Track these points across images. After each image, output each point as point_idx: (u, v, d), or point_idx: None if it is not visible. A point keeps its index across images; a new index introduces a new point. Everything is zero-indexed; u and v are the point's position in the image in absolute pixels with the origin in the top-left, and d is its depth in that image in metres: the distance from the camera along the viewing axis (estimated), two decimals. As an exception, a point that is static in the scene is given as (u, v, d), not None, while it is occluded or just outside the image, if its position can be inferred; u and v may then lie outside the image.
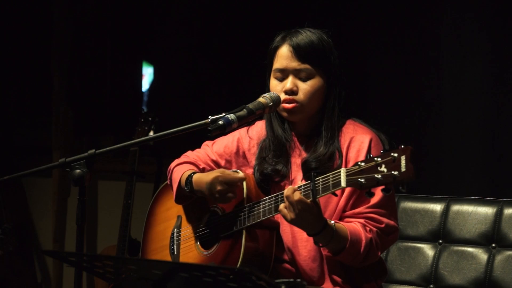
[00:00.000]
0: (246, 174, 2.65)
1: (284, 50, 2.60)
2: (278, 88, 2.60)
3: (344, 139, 2.60)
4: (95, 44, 5.21)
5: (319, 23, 2.67)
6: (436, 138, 3.98)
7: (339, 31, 2.69)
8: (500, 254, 3.00)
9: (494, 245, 3.02)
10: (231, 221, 2.61)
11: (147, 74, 5.21)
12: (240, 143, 2.77)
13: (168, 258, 2.79)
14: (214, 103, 4.64)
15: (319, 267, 2.58)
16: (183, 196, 2.73)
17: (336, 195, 2.48)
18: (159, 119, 4.50)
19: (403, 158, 2.14)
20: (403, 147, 2.16)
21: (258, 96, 2.58)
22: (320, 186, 2.36)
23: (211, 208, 2.72)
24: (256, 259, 2.56)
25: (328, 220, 2.45)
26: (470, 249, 3.05)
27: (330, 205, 2.56)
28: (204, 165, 2.76)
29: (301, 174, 2.61)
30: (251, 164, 2.72)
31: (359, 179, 2.23)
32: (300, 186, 2.42)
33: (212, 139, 2.74)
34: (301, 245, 2.59)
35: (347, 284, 2.58)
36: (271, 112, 2.62)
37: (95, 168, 2.40)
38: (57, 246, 5.07)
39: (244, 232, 2.56)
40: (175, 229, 2.80)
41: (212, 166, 2.77)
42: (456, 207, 3.11)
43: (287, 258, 2.61)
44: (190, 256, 2.71)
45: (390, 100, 4.09)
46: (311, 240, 2.52)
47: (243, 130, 2.77)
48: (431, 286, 3.08)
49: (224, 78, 4.68)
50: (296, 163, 2.64)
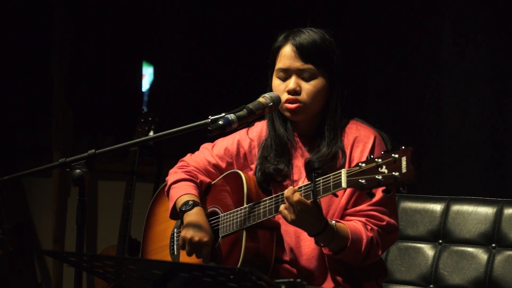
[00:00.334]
0: (247, 175, 2.65)
1: (287, 50, 2.60)
2: (281, 88, 2.60)
3: (347, 139, 2.59)
4: (95, 44, 5.20)
5: (318, 22, 2.67)
6: (436, 138, 3.98)
7: (339, 31, 2.68)
8: (500, 254, 3.00)
9: (494, 245, 3.02)
10: (231, 221, 2.61)
11: (147, 74, 5.21)
12: (241, 144, 2.76)
13: (168, 258, 2.78)
14: (214, 103, 4.64)
15: (320, 266, 2.58)
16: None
17: (337, 196, 2.47)
18: (159, 119, 4.50)
19: (404, 159, 2.14)
20: (403, 148, 2.16)
21: (258, 96, 2.58)
22: (321, 187, 2.36)
23: (211, 209, 2.72)
24: (256, 259, 2.55)
25: (329, 220, 2.45)
26: (470, 249, 3.04)
27: (334, 204, 2.56)
28: (201, 176, 2.77)
29: (303, 174, 2.60)
30: (252, 165, 2.72)
31: (360, 180, 2.23)
32: (301, 187, 2.42)
33: (212, 139, 2.73)
34: (304, 244, 2.59)
35: (347, 284, 2.57)
36: (271, 112, 2.61)
37: (95, 168, 2.40)
38: (57, 246, 5.06)
39: (244, 232, 2.55)
40: (175, 229, 2.80)
41: (212, 171, 2.77)
42: (456, 207, 3.11)
43: (288, 258, 2.61)
44: (190, 256, 2.70)
45: (390, 100, 4.09)
46: (314, 240, 2.52)
47: (243, 132, 2.77)
48: (431, 286, 3.08)
49: (224, 78, 4.67)
50: (299, 164, 2.64)
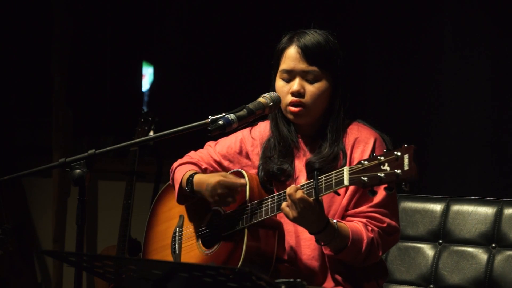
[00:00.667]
0: (249, 174, 2.65)
1: (291, 51, 2.59)
2: (285, 90, 2.60)
3: (348, 140, 2.60)
4: (95, 44, 5.20)
5: (318, 23, 2.66)
6: (436, 138, 3.97)
7: (340, 31, 2.68)
8: (500, 254, 3.00)
9: (494, 245, 3.02)
10: (233, 220, 2.61)
11: (147, 74, 5.21)
12: (243, 143, 2.76)
13: (170, 258, 2.78)
14: (214, 103, 4.64)
15: (321, 266, 2.58)
16: (184, 196, 2.73)
17: (339, 194, 2.48)
18: (159, 119, 4.50)
19: (406, 157, 2.15)
20: (406, 146, 2.16)
21: (258, 96, 2.58)
22: (323, 185, 2.36)
23: (213, 208, 2.71)
24: (257, 258, 2.56)
25: (330, 219, 2.45)
26: (470, 249, 3.05)
27: (335, 204, 2.56)
28: (206, 165, 2.76)
29: (305, 174, 2.60)
30: (254, 164, 2.72)
31: (362, 178, 2.23)
32: (303, 184, 2.42)
33: (213, 139, 2.74)
34: (304, 244, 2.59)
35: (348, 283, 2.58)
36: (271, 112, 2.61)
37: (95, 168, 2.40)
38: (57, 246, 5.06)
39: (246, 231, 2.56)
40: (177, 228, 2.80)
41: (215, 167, 2.77)
42: (456, 207, 3.11)
43: (289, 257, 2.61)
44: (191, 255, 2.70)
45: (391, 100, 4.08)
46: (314, 239, 2.51)
47: (246, 131, 2.77)
48: (431, 286, 3.08)
49: (224, 78, 4.67)
50: (300, 164, 2.64)
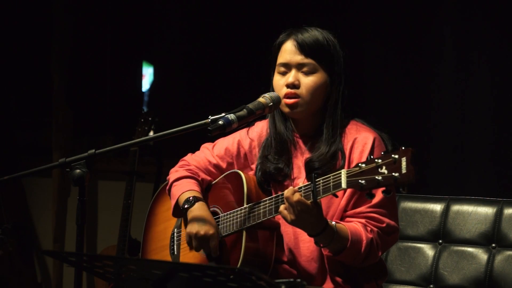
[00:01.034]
0: (247, 175, 2.65)
1: (288, 45, 2.61)
2: (281, 83, 2.60)
3: (347, 140, 2.59)
4: (95, 44, 5.20)
5: (317, 22, 2.67)
6: (436, 138, 3.97)
7: (339, 31, 2.68)
8: (500, 254, 3.00)
9: (494, 245, 3.02)
10: (231, 221, 2.61)
11: (147, 74, 5.20)
12: (241, 144, 2.76)
13: (168, 258, 2.78)
14: (214, 103, 4.64)
15: (320, 267, 2.58)
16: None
17: (337, 197, 2.47)
18: (159, 119, 4.50)
19: (404, 160, 2.14)
20: (403, 148, 2.16)
21: (258, 96, 2.58)
22: (321, 187, 2.35)
23: (211, 209, 2.71)
24: (256, 259, 2.55)
25: (329, 220, 2.45)
26: (470, 249, 3.04)
27: (333, 205, 2.56)
28: (203, 174, 2.77)
29: (304, 174, 2.60)
30: (252, 165, 2.72)
31: (360, 181, 2.23)
32: (301, 187, 2.42)
33: (212, 139, 2.73)
34: (303, 245, 2.59)
35: (347, 284, 2.57)
36: (271, 112, 2.61)
37: (95, 168, 2.40)
38: (57, 246, 5.06)
39: (244, 232, 2.55)
40: (175, 229, 2.80)
41: (212, 171, 2.77)
42: (456, 207, 3.11)
43: (288, 259, 2.61)
44: (190, 256, 2.70)
45: (391, 100, 4.08)
46: (313, 241, 2.51)
47: (243, 132, 2.77)
48: (431, 286, 3.08)
49: (224, 78, 4.68)
50: (299, 163, 2.64)
